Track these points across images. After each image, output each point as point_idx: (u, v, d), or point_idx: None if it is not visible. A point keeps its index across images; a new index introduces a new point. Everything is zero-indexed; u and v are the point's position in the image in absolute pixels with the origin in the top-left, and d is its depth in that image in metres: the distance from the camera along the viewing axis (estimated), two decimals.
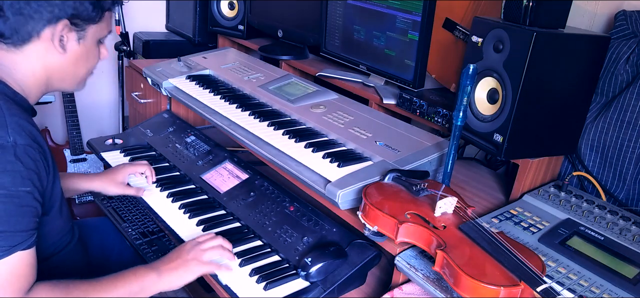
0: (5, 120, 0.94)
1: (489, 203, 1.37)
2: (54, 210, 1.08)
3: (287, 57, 2.04)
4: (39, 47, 1.04)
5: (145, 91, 2.16)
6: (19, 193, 0.92)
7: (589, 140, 1.38)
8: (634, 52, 1.31)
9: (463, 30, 1.55)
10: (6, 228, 0.90)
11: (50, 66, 1.07)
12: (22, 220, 0.93)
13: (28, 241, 0.94)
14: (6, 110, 0.96)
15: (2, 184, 0.90)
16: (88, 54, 1.11)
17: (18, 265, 0.93)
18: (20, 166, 0.92)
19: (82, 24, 1.06)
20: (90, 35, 1.10)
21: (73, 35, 1.06)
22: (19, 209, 0.92)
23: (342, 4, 1.79)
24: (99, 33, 1.12)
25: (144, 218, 1.55)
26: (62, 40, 1.05)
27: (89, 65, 1.14)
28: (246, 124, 1.50)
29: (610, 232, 1.16)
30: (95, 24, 1.09)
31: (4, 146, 0.91)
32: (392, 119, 1.50)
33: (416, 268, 1.06)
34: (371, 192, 1.09)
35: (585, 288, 0.98)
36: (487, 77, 1.26)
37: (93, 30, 1.09)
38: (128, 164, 1.52)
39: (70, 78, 1.12)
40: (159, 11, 2.81)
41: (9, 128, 0.93)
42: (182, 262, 1.15)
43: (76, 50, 1.08)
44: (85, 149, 2.56)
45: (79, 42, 1.08)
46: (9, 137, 0.92)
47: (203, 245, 1.19)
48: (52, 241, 1.14)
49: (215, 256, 1.19)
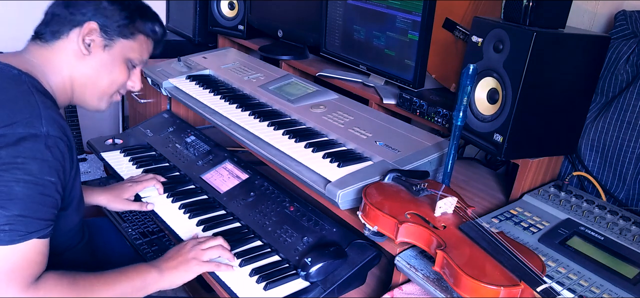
0: (40, 112, 0.97)
1: (489, 203, 1.37)
2: (72, 206, 1.10)
3: (287, 57, 2.04)
4: (67, 45, 1.10)
5: (145, 91, 2.16)
6: (44, 182, 0.95)
7: (589, 140, 1.38)
8: (634, 52, 1.31)
9: (463, 30, 1.55)
10: (27, 213, 0.93)
11: (74, 68, 1.11)
12: (42, 208, 0.95)
13: (45, 230, 0.96)
14: (41, 103, 0.99)
15: (29, 171, 0.93)
16: (113, 65, 1.14)
17: (32, 252, 0.94)
18: (49, 156, 0.95)
19: (111, 33, 1.11)
20: (118, 48, 1.13)
21: (100, 41, 1.11)
22: (42, 197, 0.95)
23: (342, 4, 1.79)
24: (128, 51, 1.15)
25: (144, 218, 1.55)
26: (87, 42, 1.09)
27: (112, 79, 1.15)
28: (246, 124, 1.50)
29: (610, 232, 1.16)
30: (125, 39, 1.14)
31: (37, 135, 0.95)
32: (392, 119, 1.50)
33: (416, 268, 1.06)
34: (371, 192, 1.09)
35: (585, 288, 0.98)
36: (487, 77, 1.26)
37: (122, 44, 1.14)
38: (136, 183, 1.49)
39: (92, 87, 1.15)
40: (159, 11, 2.78)
41: (43, 119, 0.97)
42: (182, 260, 1.17)
43: (100, 56, 1.12)
44: (85, 149, 2.56)
45: (104, 48, 1.12)
46: (43, 127, 0.96)
47: (203, 244, 1.20)
48: (66, 237, 1.16)
49: (215, 255, 1.20)
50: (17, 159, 0.92)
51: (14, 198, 0.91)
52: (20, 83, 1.02)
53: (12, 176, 0.91)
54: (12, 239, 0.91)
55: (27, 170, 0.92)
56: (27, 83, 1.02)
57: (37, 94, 1.01)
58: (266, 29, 2.23)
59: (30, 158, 0.93)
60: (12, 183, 0.91)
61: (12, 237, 0.91)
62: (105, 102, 1.19)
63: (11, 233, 0.91)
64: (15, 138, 0.93)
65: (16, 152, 0.92)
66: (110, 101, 1.20)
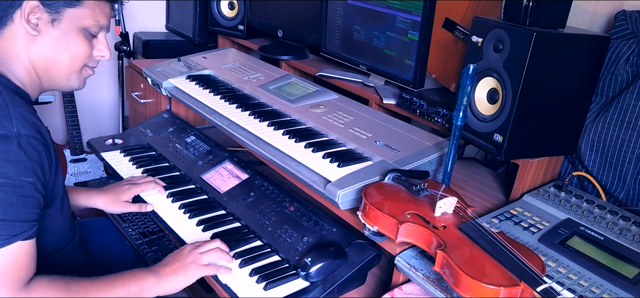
0: (8, 111, 0.94)
1: (489, 203, 1.37)
2: (55, 203, 1.08)
3: (287, 57, 2.04)
4: (15, 30, 1.02)
5: (145, 91, 2.16)
6: (22, 183, 0.93)
7: (589, 140, 1.38)
8: (634, 52, 1.31)
9: (463, 30, 1.55)
10: (7, 217, 0.91)
11: (30, 52, 1.04)
12: (23, 210, 0.94)
13: (29, 232, 0.95)
14: (10, 101, 0.96)
15: (5, 174, 0.90)
16: (67, 39, 1.05)
17: (18, 255, 0.93)
18: (23, 156, 0.93)
19: (55, 5, 1.02)
20: (67, 19, 1.04)
21: (46, 17, 1.02)
22: (21, 199, 0.93)
23: (342, 4, 1.79)
24: (80, 19, 1.06)
25: (144, 218, 1.55)
26: (33, 21, 1.02)
27: (72, 53, 1.07)
28: (246, 124, 1.50)
29: (610, 232, 1.16)
30: (73, 8, 1.04)
31: (8, 136, 0.92)
32: (392, 119, 1.50)
33: (416, 268, 1.06)
34: (371, 192, 1.09)
35: (585, 288, 0.98)
36: (487, 77, 1.26)
37: (70, 14, 1.04)
38: (134, 185, 1.47)
39: (54, 67, 1.07)
40: (159, 11, 2.80)
41: (12, 118, 0.94)
42: (180, 265, 1.15)
43: (51, 34, 1.04)
44: (85, 149, 2.56)
45: (53, 24, 1.03)
46: (13, 127, 0.93)
47: (201, 248, 1.19)
48: (53, 238, 1.14)
49: (214, 258, 1.19)
50: None
51: None
52: None
53: None
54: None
55: (2, 173, 0.90)
56: None
57: (6, 92, 0.97)
58: (266, 29, 2.23)
59: (3, 161, 0.90)
60: None
61: None
62: (75, 80, 1.11)
63: None
64: None
65: None
66: (81, 77, 1.12)
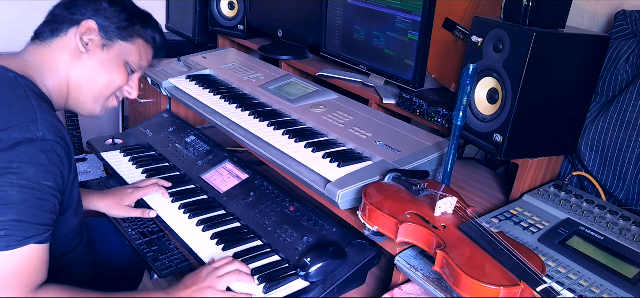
0: (36, 117, 0.96)
1: (489, 203, 1.37)
2: (70, 210, 1.09)
3: (287, 57, 2.04)
4: (65, 43, 1.10)
5: (145, 91, 2.16)
6: (41, 186, 0.94)
7: (589, 140, 1.38)
8: (634, 52, 1.31)
9: (463, 30, 1.55)
10: (23, 218, 0.91)
11: (71, 67, 1.11)
12: (40, 213, 0.94)
13: (43, 236, 0.95)
14: (37, 107, 0.98)
15: (26, 176, 0.92)
16: (110, 66, 1.14)
17: (30, 258, 0.93)
18: (45, 160, 0.94)
19: (110, 34, 1.12)
20: (116, 49, 1.13)
21: (98, 40, 1.11)
22: (39, 202, 0.94)
23: (342, 4, 1.79)
24: (127, 54, 1.15)
25: (144, 218, 1.55)
26: (85, 40, 1.10)
27: (110, 79, 1.14)
28: (246, 124, 1.50)
29: (610, 232, 1.16)
30: (124, 42, 1.14)
31: (33, 140, 0.94)
32: (392, 119, 1.50)
33: (416, 268, 1.06)
34: (371, 192, 1.09)
35: (585, 288, 0.98)
36: (487, 77, 1.26)
37: (121, 46, 1.14)
38: (137, 189, 1.47)
39: (88, 87, 1.13)
40: (159, 11, 2.80)
41: (39, 123, 0.96)
42: (197, 289, 1.11)
43: (98, 56, 1.12)
44: (85, 149, 2.56)
45: (103, 48, 1.12)
46: (39, 131, 0.95)
47: (219, 271, 1.14)
48: (65, 241, 1.15)
49: (232, 282, 1.14)
50: (13, 164, 0.91)
51: (10, 203, 0.90)
52: (17, 86, 1.01)
53: (8, 181, 0.90)
54: (8, 245, 0.89)
55: (23, 175, 0.91)
56: (23, 86, 1.01)
57: (34, 98, 1.00)
58: (266, 29, 2.23)
59: (26, 163, 0.92)
60: (8, 188, 0.90)
61: (8, 242, 0.89)
62: (100, 104, 1.17)
63: (8, 238, 0.89)
64: (10, 143, 0.92)
65: (12, 157, 0.91)
66: (105, 105, 1.19)
